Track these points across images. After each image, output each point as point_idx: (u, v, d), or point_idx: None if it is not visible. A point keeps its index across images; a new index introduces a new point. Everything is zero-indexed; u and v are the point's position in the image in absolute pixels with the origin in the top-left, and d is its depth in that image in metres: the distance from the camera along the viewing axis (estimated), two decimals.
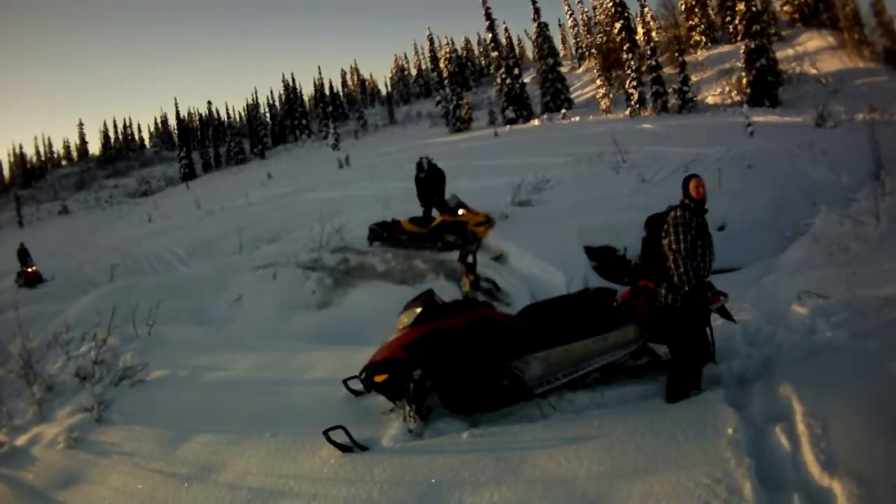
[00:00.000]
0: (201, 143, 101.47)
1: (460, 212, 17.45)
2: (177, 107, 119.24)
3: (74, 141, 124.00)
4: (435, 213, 18.26)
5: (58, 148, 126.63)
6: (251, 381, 8.81)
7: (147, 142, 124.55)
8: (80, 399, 8.39)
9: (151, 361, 9.40)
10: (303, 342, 11.40)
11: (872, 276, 9.74)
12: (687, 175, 6.98)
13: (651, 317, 7.24)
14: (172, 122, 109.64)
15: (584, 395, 7.18)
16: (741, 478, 4.90)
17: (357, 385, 7.48)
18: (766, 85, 47.32)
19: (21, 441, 8.11)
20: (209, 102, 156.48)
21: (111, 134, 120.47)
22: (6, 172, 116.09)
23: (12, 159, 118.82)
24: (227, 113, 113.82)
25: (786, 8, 70.70)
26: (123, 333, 10.50)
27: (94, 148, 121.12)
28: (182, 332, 11.46)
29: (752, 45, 47.93)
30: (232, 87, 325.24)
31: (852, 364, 6.40)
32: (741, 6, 49.53)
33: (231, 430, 7.31)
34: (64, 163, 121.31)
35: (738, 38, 53.15)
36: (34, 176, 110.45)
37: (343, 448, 6.36)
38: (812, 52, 57.59)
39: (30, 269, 25.40)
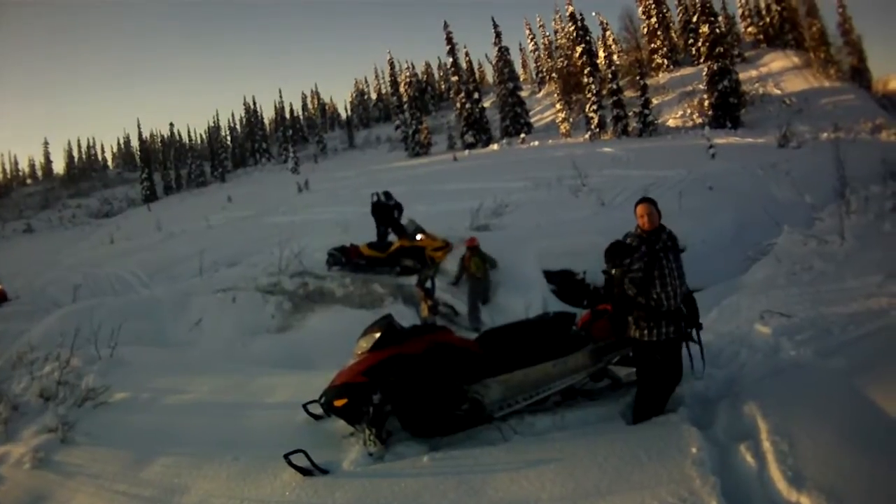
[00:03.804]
0: (163, 165, 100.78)
1: (418, 237, 17.72)
2: (139, 128, 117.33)
3: (39, 160, 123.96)
4: (393, 237, 18.57)
5: (23, 166, 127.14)
6: (212, 405, 8.81)
7: (110, 162, 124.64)
8: (45, 419, 8.33)
9: (113, 383, 9.35)
10: (263, 366, 11.46)
11: (837, 294, 9.71)
12: (637, 200, 6.87)
13: (612, 340, 7.24)
14: (135, 143, 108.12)
15: (544, 417, 7.22)
16: (707, 496, 4.93)
17: (317, 409, 7.50)
18: (728, 106, 47.54)
19: None
20: (171, 124, 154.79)
21: (75, 154, 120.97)
22: None
23: None
24: (189, 135, 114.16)
25: (750, 29, 71.95)
26: (86, 354, 10.49)
27: (59, 167, 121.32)
28: (143, 355, 11.42)
29: (715, 67, 48.11)
30: (194, 109, 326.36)
31: (818, 382, 6.47)
32: (704, 28, 49.76)
33: (193, 454, 7.30)
34: (29, 181, 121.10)
35: (701, 60, 53.37)
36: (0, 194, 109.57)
37: (304, 472, 6.36)
38: (776, 72, 58.08)
39: None
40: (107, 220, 69.91)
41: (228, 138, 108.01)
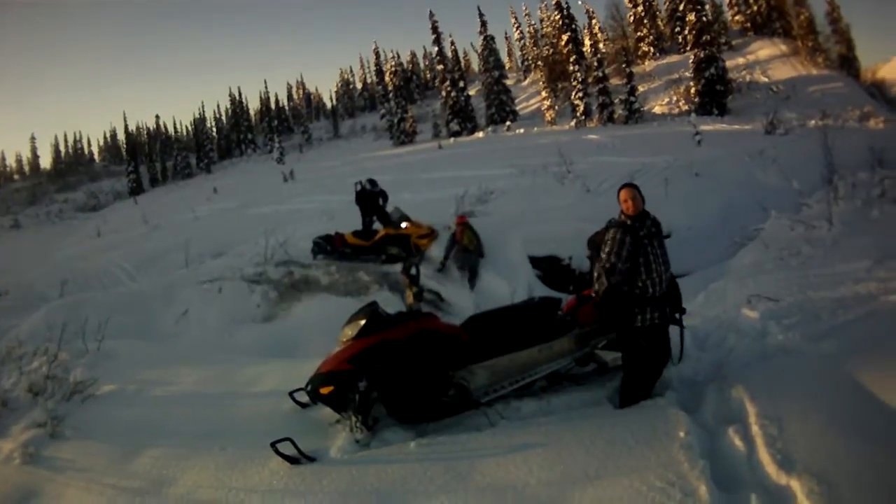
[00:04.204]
0: (149, 158, 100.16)
1: (403, 225, 17.84)
2: (125, 121, 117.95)
3: (26, 155, 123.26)
4: (378, 225, 18.66)
5: (10, 162, 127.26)
6: (199, 395, 8.81)
7: (97, 156, 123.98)
8: (34, 414, 8.30)
9: (101, 376, 9.32)
10: (249, 355, 11.48)
11: (825, 278, 9.76)
12: (620, 186, 6.85)
13: (598, 325, 7.26)
14: (121, 136, 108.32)
15: (530, 402, 7.24)
16: (695, 480, 4.91)
17: (303, 397, 7.51)
18: (714, 94, 47.35)
19: None
20: (157, 116, 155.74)
21: (62, 148, 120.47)
22: None
23: None
24: (175, 127, 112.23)
25: (737, 17, 71.30)
26: (74, 348, 10.46)
27: (46, 162, 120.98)
28: (130, 347, 11.39)
29: (702, 55, 47.91)
30: (180, 101, 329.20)
31: (806, 365, 6.46)
32: (691, 16, 49.65)
33: (181, 444, 7.30)
34: (16, 177, 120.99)
35: (688, 48, 53.46)
36: None
37: (291, 460, 6.36)
38: (763, 60, 57.88)
39: None
40: (94, 213, 69.51)
41: (214, 130, 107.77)
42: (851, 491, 4.44)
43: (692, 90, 48.90)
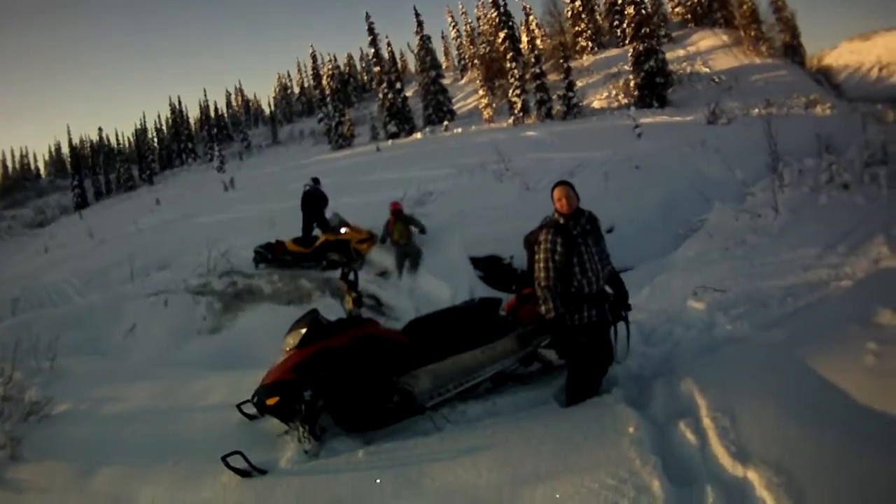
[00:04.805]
0: (93, 171, 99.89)
1: (343, 230, 17.83)
2: (69, 134, 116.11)
3: None
4: (318, 231, 18.62)
5: None
6: (150, 411, 8.75)
7: (43, 171, 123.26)
8: None
9: (55, 395, 9.25)
10: (197, 368, 11.45)
11: (773, 267, 9.86)
12: (553, 184, 6.86)
13: (539, 323, 7.16)
14: (66, 150, 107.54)
15: (476, 405, 7.32)
16: (648, 476, 4.92)
17: (251, 409, 7.48)
18: (654, 86, 47.90)
19: None
20: (100, 129, 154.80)
21: (9, 164, 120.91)
22: None
23: None
24: (117, 139, 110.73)
25: (678, 9, 72.07)
26: (27, 368, 10.35)
27: None
28: (82, 364, 11.31)
29: (641, 48, 48.45)
30: (122, 112, 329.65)
31: (757, 355, 6.49)
32: (630, 10, 50.01)
33: (136, 461, 7.27)
34: None
35: (627, 41, 53.89)
36: None
37: (242, 473, 6.36)
38: (705, 51, 58.66)
39: None
40: (41, 229, 68.90)
41: (155, 140, 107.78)
42: (811, 479, 4.44)
43: (632, 83, 49.56)
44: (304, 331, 7.10)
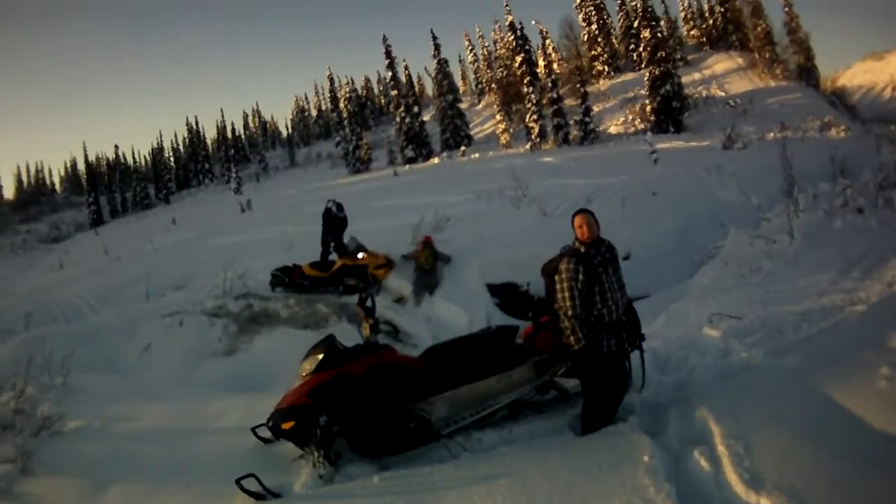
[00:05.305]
0: (109, 189, 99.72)
1: (360, 255, 17.76)
2: (85, 151, 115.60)
3: None
4: (335, 256, 18.53)
5: None
6: (164, 431, 8.73)
7: (58, 186, 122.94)
8: (4, 450, 8.18)
9: (68, 411, 9.18)
10: (211, 390, 11.43)
11: (788, 293, 9.78)
12: (574, 212, 6.82)
13: (556, 351, 7.19)
14: (81, 166, 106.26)
15: (492, 433, 7.24)
16: (662, 503, 4.89)
17: (266, 433, 7.47)
18: (670, 111, 47.98)
19: None
20: (116, 146, 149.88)
21: (24, 178, 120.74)
22: None
23: None
24: (133, 157, 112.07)
25: (693, 32, 72.87)
26: (40, 383, 10.31)
27: (8, 192, 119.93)
28: (95, 382, 11.27)
29: (657, 72, 48.64)
30: (139, 129, 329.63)
31: (771, 382, 6.47)
32: (646, 33, 50.31)
33: (148, 480, 7.25)
34: None
35: (643, 65, 54.00)
36: None
37: (256, 496, 6.34)
38: (720, 74, 58.86)
39: None
40: (56, 245, 68.99)
41: (172, 159, 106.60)
42: None
43: (648, 108, 49.79)
44: (320, 356, 7.07)
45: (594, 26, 68.71)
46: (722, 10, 69.60)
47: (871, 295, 8.69)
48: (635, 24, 55.65)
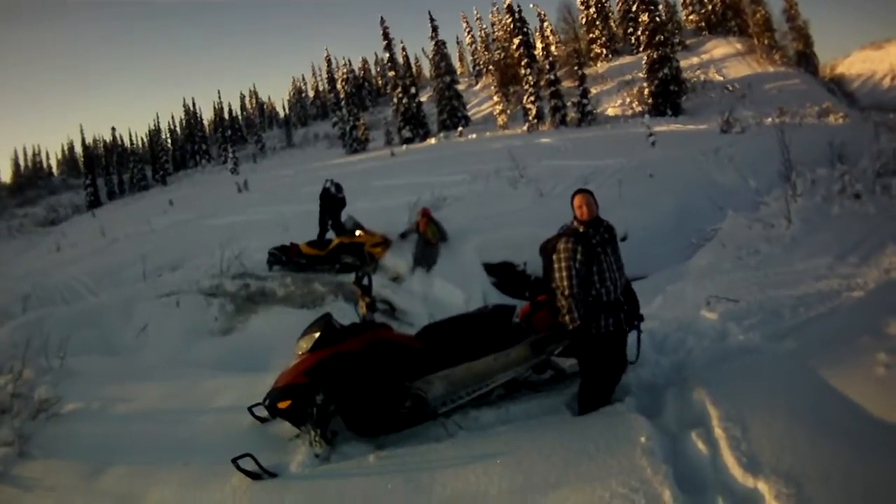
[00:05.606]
0: (106, 171, 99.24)
1: (357, 233, 17.72)
2: (82, 134, 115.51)
3: None
4: (332, 234, 18.56)
5: None
6: (161, 411, 8.73)
7: (55, 169, 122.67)
8: (1, 433, 8.17)
9: (65, 394, 9.20)
10: (208, 369, 11.38)
11: (785, 276, 9.84)
12: (574, 191, 6.78)
13: (553, 331, 7.16)
14: (79, 149, 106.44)
15: (488, 412, 7.23)
16: (659, 485, 4.90)
17: (262, 412, 7.44)
18: (668, 94, 47.93)
19: None
20: (113, 129, 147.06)
21: (21, 162, 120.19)
22: None
23: None
24: (131, 139, 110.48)
25: (692, 17, 72.35)
26: (38, 366, 10.29)
27: (6, 176, 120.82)
28: (92, 364, 11.27)
29: (655, 56, 48.54)
30: (136, 112, 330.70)
31: (768, 365, 6.49)
32: (644, 17, 50.17)
33: (145, 461, 7.25)
34: None
35: (641, 48, 54.02)
36: None
37: (253, 476, 6.33)
38: (718, 59, 58.62)
39: None
40: (53, 227, 68.47)
41: (169, 141, 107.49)
42: (820, 489, 4.46)
43: (645, 91, 49.74)
44: (317, 335, 7.05)
45: (592, 9, 68.70)
46: None
47: (869, 281, 8.77)
48: (634, 8, 55.07)
